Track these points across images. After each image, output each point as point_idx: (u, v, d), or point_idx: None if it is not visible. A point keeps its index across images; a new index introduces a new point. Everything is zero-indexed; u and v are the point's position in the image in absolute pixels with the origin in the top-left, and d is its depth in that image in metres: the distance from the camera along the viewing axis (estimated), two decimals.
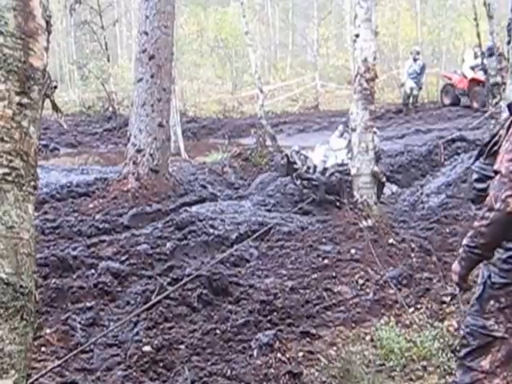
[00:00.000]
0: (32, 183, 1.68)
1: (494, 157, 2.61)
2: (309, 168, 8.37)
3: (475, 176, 2.86)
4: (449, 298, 4.59)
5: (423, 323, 4.33)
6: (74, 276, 5.23)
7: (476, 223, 2.51)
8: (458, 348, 3.04)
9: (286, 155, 8.96)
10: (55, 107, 2.02)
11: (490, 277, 2.66)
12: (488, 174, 2.68)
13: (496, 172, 2.46)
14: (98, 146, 16.02)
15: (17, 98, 1.70)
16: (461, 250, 2.60)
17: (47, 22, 1.94)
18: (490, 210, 2.42)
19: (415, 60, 17.08)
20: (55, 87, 1.93)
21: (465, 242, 2.56)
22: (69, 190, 8.50)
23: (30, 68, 1.77)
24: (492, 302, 2.65)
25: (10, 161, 1.61)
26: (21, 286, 1.63)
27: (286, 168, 8.79)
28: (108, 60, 18.66)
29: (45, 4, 1.91)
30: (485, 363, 2.67)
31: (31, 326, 1.67)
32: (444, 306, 4.55)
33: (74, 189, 8.55)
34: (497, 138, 2.69)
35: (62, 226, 6.69)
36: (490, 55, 14.04)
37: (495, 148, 2.66)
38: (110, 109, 18.75)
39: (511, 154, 2.42)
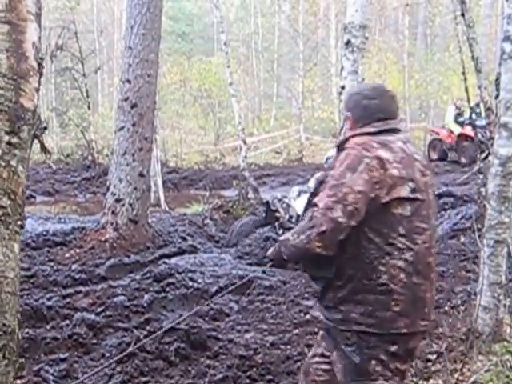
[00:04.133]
0: (19, 222, 1.64)
1: None
2: (291, 217, 8.14)
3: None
4: (434, 356, 4.50)
5: (408, 382, 4.23)
6: (48, 326, 5.10)
7: (289, 234, 2.67)
8: None
9: (267, 202, 8.73)
10: (44, 148, 1.99)
11: (358, 335, 2.68)
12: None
13: (314, 204, 2.58)
14: (75, 194, 15.88)
15: (6, 138, 1.67)
16: (280, 243, 2.75)
17: (39, 64, 1.93)
18: (298, 236, 2.59)
19: None
20: (45, 128, 1.90)
21: (282, 238, 2.74)
22: (45, 238, 8.35)
23: (20, 108, 1.76)
24: (373, 361, 2.66)
25: None
26: (4, 325, 1.58)
27: (266, 216, 8.59)
28: (89, 108, 18.68)
29: (38, 46, 1.91)
30: None
31: (13, 365, 1.61)
32: (429, 364, 4.46)
33: (51, 237, 8.41)
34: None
35: (36, 276, 6.56)
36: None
37: None
38: (90, 157, 18.67)
39: (333, 189, 2.56)
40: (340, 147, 2.79)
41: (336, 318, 2.74)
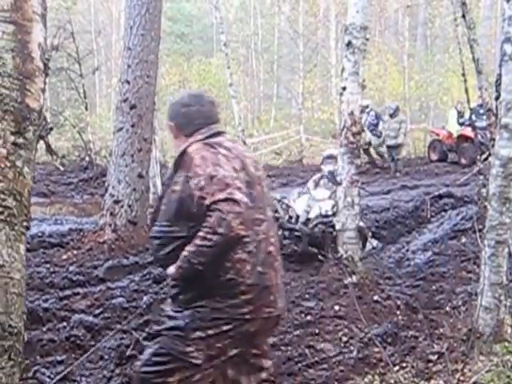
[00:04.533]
0: (24, 223, 1.63)
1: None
2: (291, 218, 8.03)
3: (158, 242, 2.98)
4: (435, 357, 4.51)
5: (408, 382, 4.24)
6: (45, 329, 5.04)
7: (198, 242, 2.68)
8: None
9: None
10: (50, 149, 1.98)
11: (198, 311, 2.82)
12: (176, 236, 2.85)
13: (208, 207, 2.65)
14: (72, 196, 15.76)
15: (12, 138, 1.67)
16: (181, 260, 2.75)
17: (45, 65, 1.93)
18: (214, 233, 2.62)
19: (392, 116, 16.40)
20: (51, 129, 1.90)
21: (185, 253, 2.73)
22: (40, 240, 8.20)
23: (26, 109, 1.76)
24: (198, 333, 2.80)
25: (3, 200, 1.57)
26: (10, 326, 1.58)
27: None
28: (86, 109, 18.59)
29: (43, 47, 1.91)
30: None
31: (18, 366, 1.62)
32: (430, 364, 4.46)
33: (47, 239, 8.27)
34: None
35: (32, 277, 6.42)
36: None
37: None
38: (87, 158, 18.54)
39: (217, 185, 2.68)
40: (179, 161, 2.91)
41: (180, 309, 2.90)
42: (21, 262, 1.66)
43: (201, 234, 2.68)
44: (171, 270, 2.84)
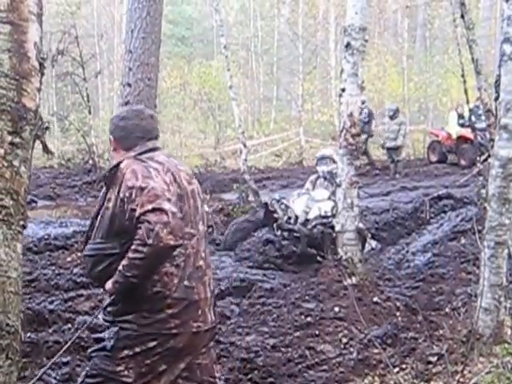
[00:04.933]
0: (21, 222, 1.63)
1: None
2: (290, 218, 8.02)
3: (91, 259, 2.98)
4: (435, 358, 4.50)
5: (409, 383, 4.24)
6: (50, 330, 5.08)
7: (130, 255, 2.67)
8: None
9: (266, 204, 8.58)
10: (46, 149, 1.98)
11: (124, 329, 2.82)
12: (109, 253, 2.84)
13: (138, 219, 2.64)
14: (77, 198, 15.80)
15: (9, 138, 1.67)
16: (117, 275, 2.74)
17: (41, 64, 1.93)
18: (144, 245, 2.61)
19: (391, 118, 16.16)
20: (47, 128, 1.90)
21: (120, 268, 2.72)
22: (46, 242, 8.28)
23: (22, 108, 1.76)
24: (126, 351, 2.80)
25: (0, 199, 1.57)
26: (7, 325, 1.58)
27: (264, 217, 8.52)
28: (89, 112, 18.63)
29: (39, 46, 1.91)
30: None
31: (16, 365, 1.61)
32: (430, 366, 4.46)
33: (52, 242, 8.34)
34: None
35: (38, 280, 6.52)
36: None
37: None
38: (90, 161, 18.60)
39: (146, 196, 2.66)
40: (112, 177, 2.88)
41: (109, 319, 2.91)
42: (17, 261, 1.66)
43: (133, 246, 2.67)
44: (108, 284, 2.83)
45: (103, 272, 2.86)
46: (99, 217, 2.93)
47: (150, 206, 2.63)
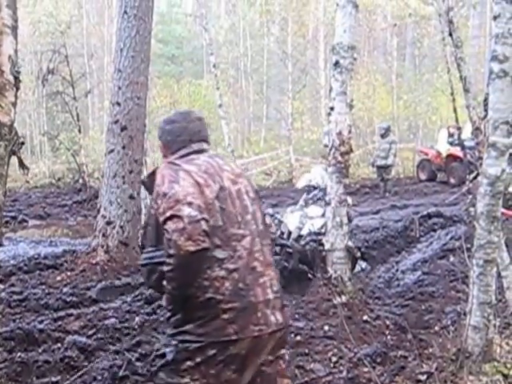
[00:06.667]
0: None
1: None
2: (283, 234, 7.98)
3: (146, 268, 2.95)
4: (425, 377, 4.49)
5: None
6: (40, 350, 5.08)
7: (164, 267, 2.64)
8: None
9: None
10: (22, 164, 1.96)
11: (183, 341, 2.75)
12: (159, 261, 2.78)
13: (162, 227, 2.63)
14: (67, 218, 15.80)
15: None
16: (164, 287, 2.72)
17: (16, 78, 1.90)
18: (168, 256, 2.58)
19: (382, 137, 16.13)
20: (22, 143, 1.87)
21: (164, 283, 2.69)
22: (36, 262, 8.32)
23: None
24: (188, 363, 2.73)
25: None
26: None
27: None
28: (79, 131, 18.65)
29: (14, 60, 1.88)
30: None
31: None
32: None
33: (42, 261, 8.37)
34: None
35: (28, 299, 6.54)
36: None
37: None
38: (80, 181, 18.62)
39: (167, 203, 2.63)
40: (147, 182, 2.94)
41: (172, 332, 2.83)
42: None
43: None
44: (163, 298, 2.80)
45: (159, 281, 2.79)
46: (148, 225, 2.92)
47: (168, 213, 2.59)
